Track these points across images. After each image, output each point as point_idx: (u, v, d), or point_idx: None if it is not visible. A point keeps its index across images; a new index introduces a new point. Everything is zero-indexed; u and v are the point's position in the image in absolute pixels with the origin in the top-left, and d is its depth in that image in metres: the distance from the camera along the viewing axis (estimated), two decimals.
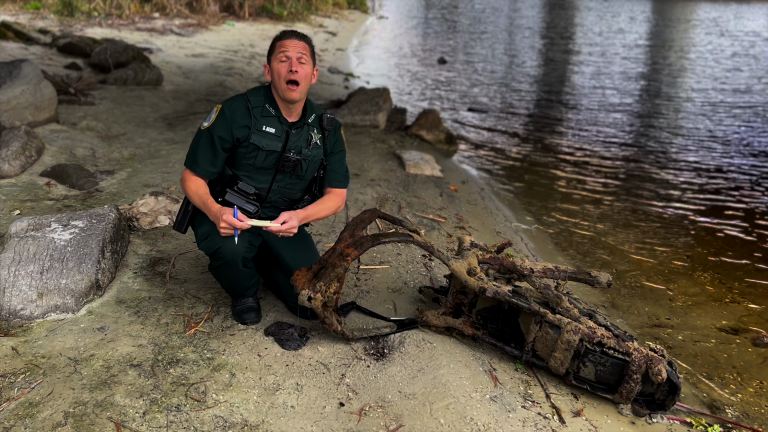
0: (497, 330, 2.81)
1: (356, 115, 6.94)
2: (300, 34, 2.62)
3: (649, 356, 2.52)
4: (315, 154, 2.67)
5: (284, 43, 2.55)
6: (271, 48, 2.60)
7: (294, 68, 2.50)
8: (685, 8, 25.90)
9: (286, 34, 2.61)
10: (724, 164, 6.73)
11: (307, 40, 2.62)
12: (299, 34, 2.61)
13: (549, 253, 4.48)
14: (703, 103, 9.74)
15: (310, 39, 2.65)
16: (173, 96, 7.41)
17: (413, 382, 2.48)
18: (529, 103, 9.90)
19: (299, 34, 2.61)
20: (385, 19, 21.74)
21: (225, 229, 2.42)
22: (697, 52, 15.03)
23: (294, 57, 2.52)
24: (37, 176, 4.28)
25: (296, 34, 2.62)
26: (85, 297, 2.76)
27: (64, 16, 13.37)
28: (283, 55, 2.52)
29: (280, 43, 2.57)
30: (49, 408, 2.15)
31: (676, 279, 4.15)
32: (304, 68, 2.54)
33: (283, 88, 2.52)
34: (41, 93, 5.30)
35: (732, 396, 2.95)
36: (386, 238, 2.64)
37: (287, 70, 2.50)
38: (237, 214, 2.42)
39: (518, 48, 15.74)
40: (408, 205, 4.54)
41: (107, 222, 3.07)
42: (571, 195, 5.77)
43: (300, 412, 2.27)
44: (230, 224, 2.41)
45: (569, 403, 2.56)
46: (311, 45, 2.63)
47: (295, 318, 2.81)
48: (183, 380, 2.35)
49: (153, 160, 4.95)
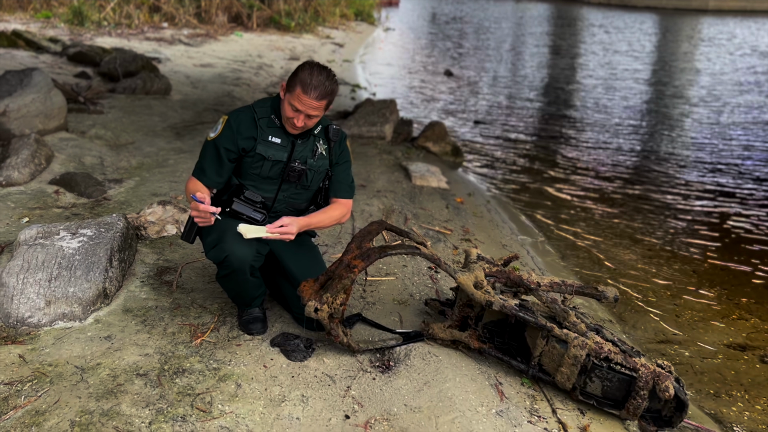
0: (503, 344, 2.80)
1: (363, 126, 6.96)
2: (324, 91, 2.44)
3: (657, 372, 2.50)
4: (320, 165, 2.69)
5: (302, 98, 2.43)
6: (292, 83, 2.46)
7: (299, 124, 2.49)
8: (691, 23, 26.02)
9: (310, 84, 2.41)
10: (731, 181, 6.72)
11: (330, 94, 2.47)
12: (323, 91, 2.44)
13: (555, 267, 4.48)
14: (712, 119, 9.74)
15: (334, 90, 2.49)
16: (181, 105, 7.46)
17: (419, 395, 2.47)
18: (535, 116, 9.92)
19: (323, 91, 2.44)
20: (392, 31, 21.88)
21: (198, 218, 2.46)
22: (703, 66, 15.07)
23: (304, 113, 2.47)
24: (46, 184, 4.31)
25: (321, 90, 2.43)
26: (93, 305, 2.77)
27: (74, 25, 13.51)
28: (296, 104, 2.45)
29: (298, 91, 2.43)
30: (55, 416, 2.15)
31: (682, 294, 4.13)
32: (312, 120, 2.52)
33: (285, 123, 2.56)
34: (51, 101, 5.35)
35: (740, 413, 2.93)
36: (393, 250, 2.64)
37: (293, 119, 2.49)
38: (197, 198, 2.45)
39: (524, 62, 15.80)
40: (414, 217, 4.55)
41: (115, 231, 3.09)
42: (577, 209, 5.76)
43: (305, 424, 2.26)
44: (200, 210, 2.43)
45: (576, 419, 2.54)
46: (332, 96, 2.50)
47: (301, 329, 2.81)
48: (189, 390, 2.35)
49: (161, 169, 4.98)
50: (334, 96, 2.54)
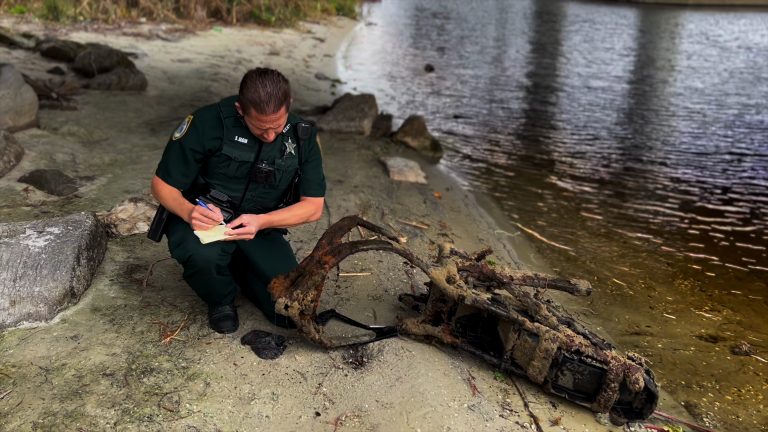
0: (476, 338, 2.80)
1: (341, 121, 6.92)
2: (277, 101, 2.34)
3: (627, 365, 2.52)
4: (289, 164, 2.64)
5: (261, 118, 2.37)
6: (244, 105, 2.38)
7: (271, 137, 2.46)
8: (672, 17, 26.24)
9: (262, 105, 2.32)
10: (705, 175, 6.79)
11: (284, 98, 2.37)
12: (276, 102, 2.34)
13: (531, 261, 4.49)
14: (689, 115, 9.84)
15: (286, 91, 2.39)
16: (157, 101, 7.36)
17: (391, 391, 2.46)
18: (515, 111, 9.95)
19: (276, 102, 2.34)
20: (374, 26, 21.78)
21: (197, 221, 2.40)
22: (685, 61, 15.20)
23: (272, 128, 2.43)
24: (15, 182, 4.22)
25: (273, 102, 2.33)
26: (59, 305, 2.72)
27: (49, 20, 13.25)
28: (258, 125, 2.40)
29: (255, 115, 2.37)
30: (17, 419, 2.11)
31: (656, 287, 4.16)
32: (280, 127, 2.46)
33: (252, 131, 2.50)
34: (21, 98, 5.24)
35: (710, 404, 2.96)
36: (365, 245, 2.62)
37: (262, 135, 2.46)
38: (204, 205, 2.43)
39: (506, 57, 15.83)
40: (391, 212, 4.53)
41: (83, 229, 3.03)
42: (554, 203, 5.79)
43: (275, 422, 2.24)
44: (203, 215, 2.39)
45: (547, 412, 2.55)
46: (287, 98, 2.40)
47: (273, 326, 2.78)
48: (156, 390, 2.31)
49: (134, 165, 4.91)
50: (289, 95, 2.43)
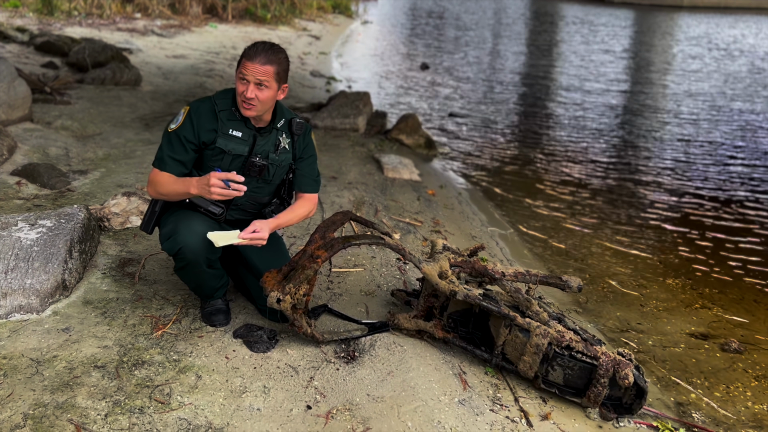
0: (468, 333, 2.82)
1: (336, 118, 6.93)
2: (267, 57, 2.39)
3: (617, 360, 2.54)
4: (283, 159, 2.64)
5: (247, 65, 2.39)
6: (239, 60, 2.44)
7: (249, 95, 2.39)
8: (669, 19, 26.34)
9: (252, 52, 2.39)
10: (697, 175, 6.83)
11: (276, 61, 2.41)
12: (266, 56, 2.39)
13: (524, 258, 4.51)
14: (685, 115, 9.89)
15: (280, 59, 2.44)
16: (151, 96, 7.34)
17: (382, 385, 2.47)
18: (509, 109, 9.97)
19: (266, 56, 2.39)
20: (370, 24, 21.77)
21: (216, 187, 2.33)
22: (676, 61, 15.27)
23: (252, 82, 2.39)
24: (8, 175, 4.21)
25: (263, 55, 2.39)
26: (51, 297, 2.71)
27: (43, 14, 13.19)
28: (243, 73, 2.40)
29: (243, 62, 2.40)
30: (8, 410, 2.10)
31: (647, 284, 4.19)
32: (264, 92, 2.41)
33: (239, 104, 2.48)
34: (15, 91, 5.22)
35: (699, 400, 2.98)
36: (357, 240, 2.63)
37: (243, 92, 2.41)
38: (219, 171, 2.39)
39: (501, 56, 15.85)
40: (385, 209, 4.54)
41: (76, 222, 3.03)
42: (547, 201, 5.81)
43: (266, 415, 2.25)
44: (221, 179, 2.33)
45: (537, 407, 2.56)
46: (280, 66, 2.43)
47: (265, 320, 2.78)
48: (148, 382, 2.32)
49: (128, 160, 4.90)
50: (283, 66, 2.44)
